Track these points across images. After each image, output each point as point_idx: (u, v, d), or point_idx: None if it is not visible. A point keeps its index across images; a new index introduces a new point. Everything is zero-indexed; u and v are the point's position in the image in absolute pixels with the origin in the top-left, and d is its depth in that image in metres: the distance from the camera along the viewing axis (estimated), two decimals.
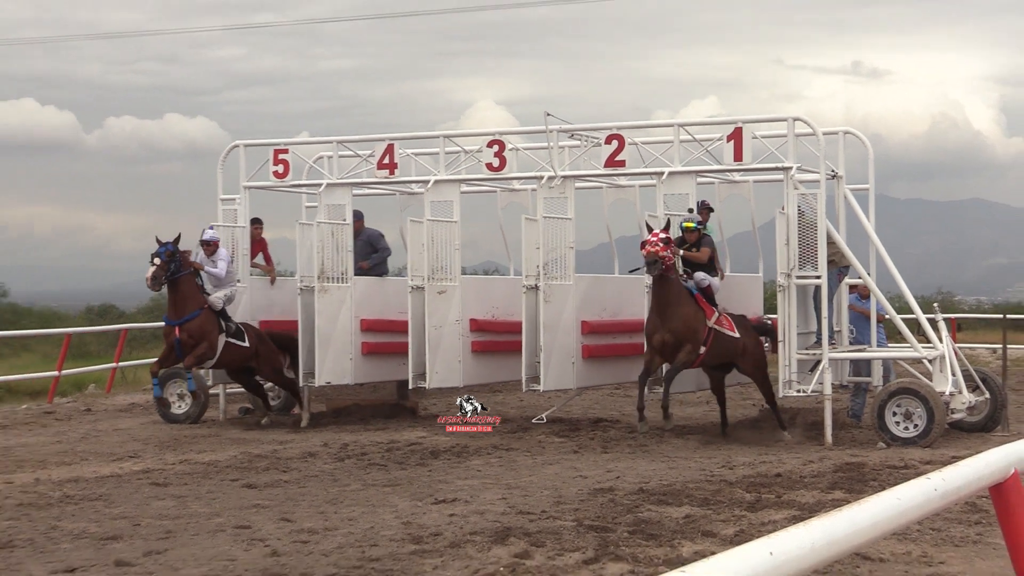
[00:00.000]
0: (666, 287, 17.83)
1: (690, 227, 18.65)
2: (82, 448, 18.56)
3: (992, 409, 19.07)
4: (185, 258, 19.88)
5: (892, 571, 9.94)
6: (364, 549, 10.93)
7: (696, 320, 17.99)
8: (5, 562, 10.61)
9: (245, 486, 14.69)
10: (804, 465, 15.92)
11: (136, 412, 23.16)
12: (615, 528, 11.65)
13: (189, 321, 19.66)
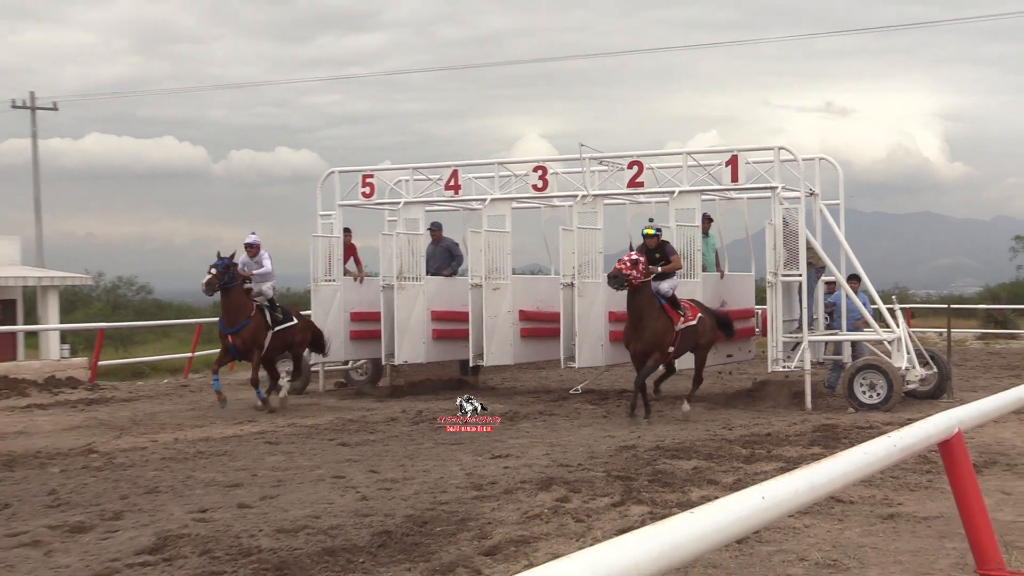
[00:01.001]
0: (639, 300, 16.84)
1: (650, 233, 17.81)
2: (211, 414, 18.65)
3: (939, 381, 19.04)
4: (237, 271, 19.14)
5: (860, 511, 9.93)
6: (435, 495, 10.97)
7: (665, 332, 17.07)
8: (152, 504, 10.72)
9: (340, 444, 14.76)
10: (789, 426, 15.92)
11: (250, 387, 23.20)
12: (637, 478, 11.68)
13: (241, 329, 19.00)
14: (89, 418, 18.10)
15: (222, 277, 18.57)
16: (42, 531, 9.59)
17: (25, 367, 25.49)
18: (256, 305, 19.31)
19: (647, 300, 16.90)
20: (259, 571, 8.10)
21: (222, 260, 18.78)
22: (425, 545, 8.87)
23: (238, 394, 20.83)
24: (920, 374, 18.68)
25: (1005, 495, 10.62)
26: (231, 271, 18.80)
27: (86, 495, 11.30)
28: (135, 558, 8.58)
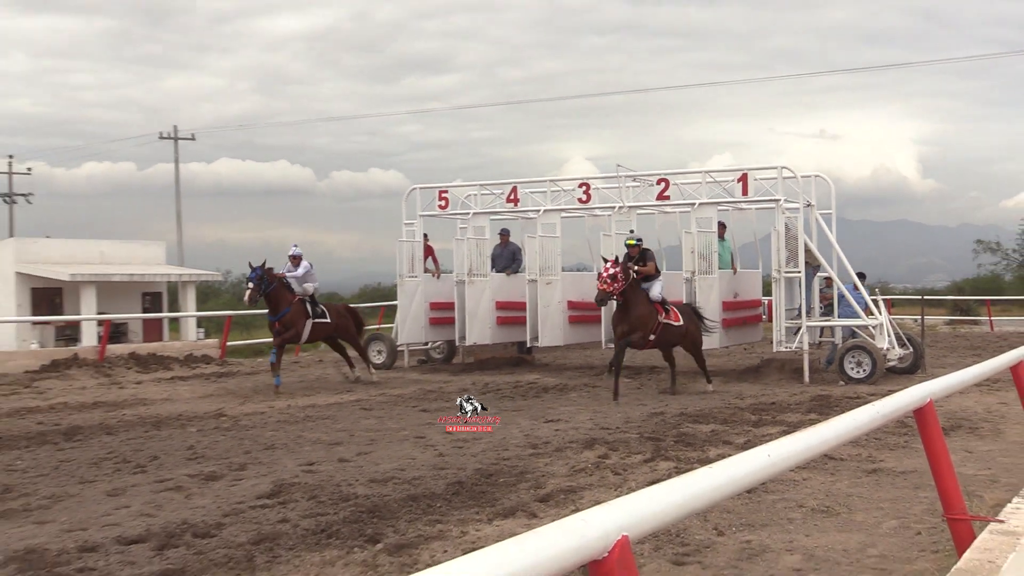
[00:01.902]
0: (627, 295, 15.96)
1: (632, 243, 16.76)
2: (317, 385, 18.76)
3: (914, 359, 18.84)
4: (271, 274, 18.10)
5: (849, 466, 9.86)
6: (499, 452, 10.97)
7: (649, 317, 16.18)
8: (269, 458, 10.81)
9: (421, 410, 14.78)
10: (790, 397, 15.79)
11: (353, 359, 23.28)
12: (664, 438, 11.64)
13: (283, 316, 18.13)
14: (219, 388, 18.28)
15: (260, 289, 17.82)
16: (183, 478, 9.73)
17: (169, 347, 25.78)
18: (298, 298, 18.48)
19: (633, 294, 16.13)
20: (356, 513, 8.14)
21: (255, 272, 17.92)
22: (490, 493, 8.90)
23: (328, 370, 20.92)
24: (899, 353, 18.53)
25: (968, 453, 10.52)
26: (265, 278, 17.94)
27: (217, 450, 11.44)
28: (256, 501, 8.67)
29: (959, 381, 7.06)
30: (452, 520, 7.93)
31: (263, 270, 17.86)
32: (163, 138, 54.27)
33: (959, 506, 5.77)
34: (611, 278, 15.69)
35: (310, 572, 6.60)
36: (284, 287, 18.34)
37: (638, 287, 16.24)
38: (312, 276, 18.96)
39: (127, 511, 8.40)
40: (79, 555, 6.97)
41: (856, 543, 7.22)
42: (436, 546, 7.18)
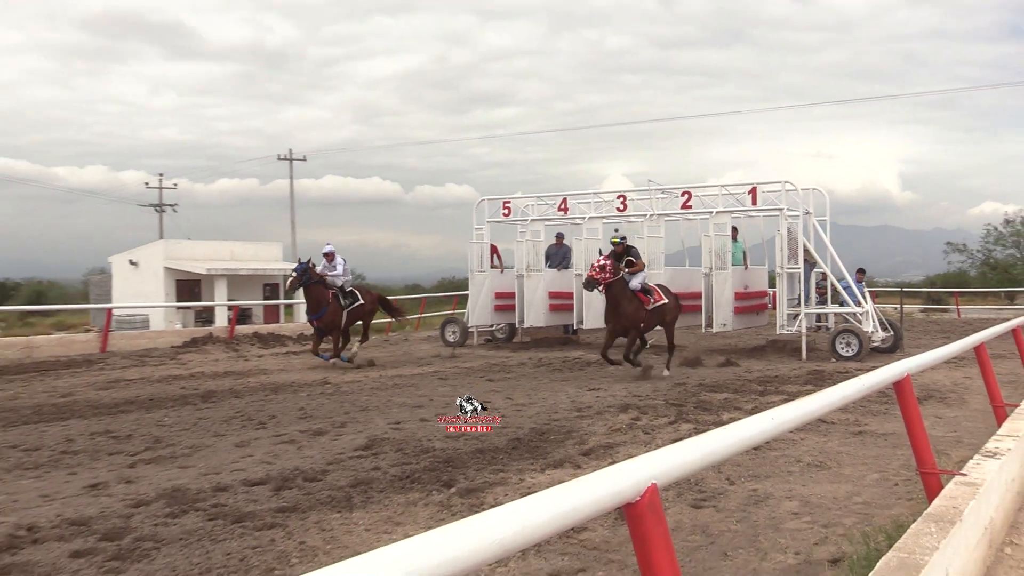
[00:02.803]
0: (614, 291, 14.90)
1: (616, 242, 15.74)
2: (403, 359, 18.86)
3: (894, 341, 18.59)
4: (313, 271, 17.14)
5: (838, 429, 9.74)
6: (550, 414, 10.97)
7: (636, 313, 15.09)
8: (364, 417, 10.85)
9: (487, 380, 14.82)
10: (790, 371, 15.63)
11: (430, 341, 23.35)
12: (686, 404, 11.57)
13: (323, 314, 17.13)
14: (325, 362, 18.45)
15: (301, 279, 16.91)
16: (295, 433, 9.81)
17: (284, 327, 26.03)
18: (332, 294, 17.39)
19: (620, 290, 14.99)
20: (434, 463, 8.17)
21: (301, 265, 17.14)
22: (543, 448, 8.90)
23: (421, 346, 21.04)
24: (881, 336, 18.35)
25: (938, 418, 10.35)
26: (308, 273, 17.01)
27: (323, 411, 11.51)
28: (354, 452, 8.73)
29: (931, 359, 6.96)
30: (512, 469, 7.95)
31: (307, 265, 17.11)
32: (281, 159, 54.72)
33: (930, 462, 5.70)
34: (601, 268, 14.81)
35: (397, 511, 6.64)
36: (323, 285, 17.38)
37: (624, 284, 15.16)
38: (346, 271, 18.06)
39: (251, 459, 8.49)
40: (213, 494, 7.08)
41: (844, 492, 7.15)
42: (499, 490, 7.20)
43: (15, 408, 12.00)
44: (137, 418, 11.10)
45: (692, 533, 6.07)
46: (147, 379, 15.38)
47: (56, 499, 7.00)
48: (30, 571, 5.29)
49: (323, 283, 17.32)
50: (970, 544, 4.68)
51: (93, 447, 9.19)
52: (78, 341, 21.20)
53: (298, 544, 5.81)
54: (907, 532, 4.31)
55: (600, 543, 5.82)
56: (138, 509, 6.63)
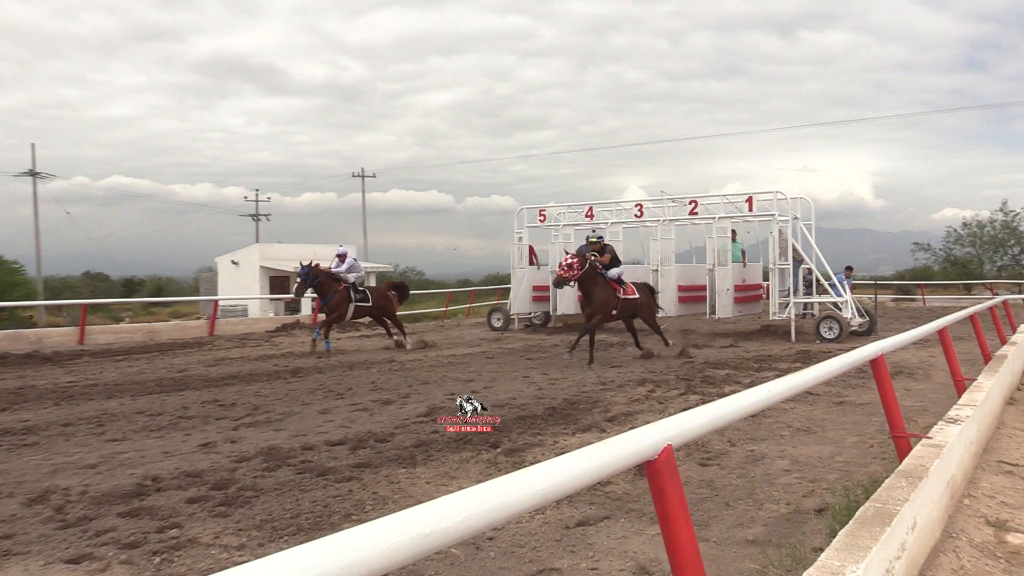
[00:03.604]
0: (586, 281, 13.81)
1: (592, 240, 14.89)
2: (456, 341, 18.85)
3: (870, 325, 18.31)
4: (317, 270, 15.94)
5: (822, 400, 9.63)
6: (579, 388, 10.94)
7: (608, 298, 13.98)
8: (424, 390, 10.89)
9: (527, 359, 14.79)
10: (782, 351, 15.45)
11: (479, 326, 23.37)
12: (693, 379, 11.48)
13: (329, 301, 16.08)
14: (391, 342, 18.53)
15: (305, 284, 15.74)
16: (368, 403, 9.87)
17: None
18: (343, 286, 16.28)
19: (591, 279, 13.86)
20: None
21: (303, 269, 15.87)
22: (574, 415, 8.88)
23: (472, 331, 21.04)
24: (859, 321, 18.07)
25: (907, 391, 10.19)
26: (311, 275, 15.81)
27: (390, 384, 11.57)
28: (416, 419, 8.77)
29: (902, 340, 6.85)
30: (547, 433, 7.94)
31: (310, 268, 15.90)
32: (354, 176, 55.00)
33: (901, 427, 5.61)
34: (568, 267, 13.65)
35: (452, 467, 6.66)
36: (331, 279, 16.24)
37: (596, 274, 14.00)
38: (356, 268, 16.87)
39: (332, 424, 8.56)
40: (301, 452, 7.15)
41: (828, 452, 7.06)
42: (537, 451, 7.20)
43: (141, 381, 12.20)
44: (239, 389, 11.24)
45: (700, 487, 6.03)
46: (246, 358, 15.55)
47: (175, 455, 7.11)
48: (155, 514, 5.38)
49: (332, 278, 16.29)
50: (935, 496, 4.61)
51: (204, 413, 9.33)
52: (191, 327, 21.49)
53: (371, 494, 5.85)
54: (882, 486, 4.25)
55: (622, 495, 5.81)
56: (241, 464, 6.72)
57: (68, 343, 17.80)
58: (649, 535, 4.95)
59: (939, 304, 31.73)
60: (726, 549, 4.73)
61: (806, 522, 5.18)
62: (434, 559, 4.50)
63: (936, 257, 45.88)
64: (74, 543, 4.85)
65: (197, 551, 4.70)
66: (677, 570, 2.66)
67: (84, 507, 5.54)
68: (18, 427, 8.54)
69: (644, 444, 2.69)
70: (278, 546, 4.80)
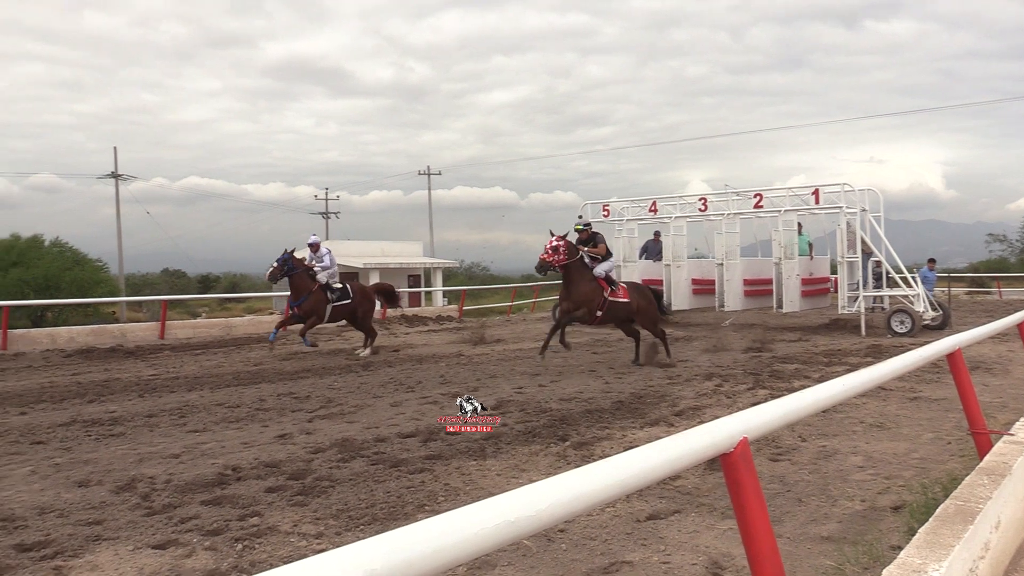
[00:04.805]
0: (570, 272, 12.20)
1: (579, 228, 12.85)
2: (522, 336, 18.84)
3: (943, 319, 17.77)
4: (296, 261, 14.75)
5: (895, 395, 9.37)
6: (646, 381, 10.87)
7: (593, 293, 12.33)
8: (492, 383, 10.93)
9: (593, 353, 14.72)
10: (852, 345, 15.06)
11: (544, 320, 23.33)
12: (761, 373, 11.29)
13: (303, 302, 14.76)
14: (459, 337, 18.60)
15: (282, 269, 14.48)
16: (437, 396, 9.95)
17: (425, 311, 26.43)
18: (318, 285, 14.95)
19: (577, 271, 12.27)
20: (551, 421, 8.19)
21: (283, 255, 14.62)
22: (641, 409, 8.83)
23: (536, 326, 21.02)
24: (932, 315, 17.57)
25: (984, 386, 9.85)
26: (290, 263, 14.61)
27: (459, 378, 11.62)
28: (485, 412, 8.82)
29: (979, 334, 6.64)
30: (615, 427, 7.91)
31: (289, 255, 14.68)
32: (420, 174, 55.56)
33: (980, 423, 5.44)
34: (553, 250, 12.08)
35: (521, 459, 6.68)
36: (307, 275, 14.94)
37: (583, 266, 12.44)
38: (330, 264, 15.39)
39: (403, 416, 8.65)
40: (374, 443, 7.25)
41: (903, 449, 6.88)
42: (605, 444, 7.17)
43: (219, 374, 12.52)
44: (312, 383, 11.45)
45: (771, 482, 5.94)
46: (319, 352, 15.81)
47: (253, 446, 7.28)
48: (236, 502, 5.52)
49: (308, 273, 14.99)
50: (1019, 495, 4.45)
51: (280, 405, 9.53)
52: (265, 322, 21.93)
53: (443, 485, 5.91)
54: (962, 484, 4.12)
55: (692, 489, 5.75)
56: (316, 455, 6.85)
57: (150, 338, 18.36)
58: (721, 530, 4.90)
59: (1016, 297, 30.61)
60: (800, 545, 4.65)
61: (882, 519, 5.06)
62: (507, 550, 4.53)
63: (1013, 249, 44.32)
64: (160, 529, 5.02)
65: (277, 539, 4.81)
66: (755, 563, 2.63)
67: (169, 495, 5.72)
68: (105, 418, 8.85)
69: (719, 437, 2.67)
70: (354, 535, 4.89)
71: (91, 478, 6.22)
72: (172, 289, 50.43)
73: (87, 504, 5.54)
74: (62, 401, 10.14)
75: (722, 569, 4.32)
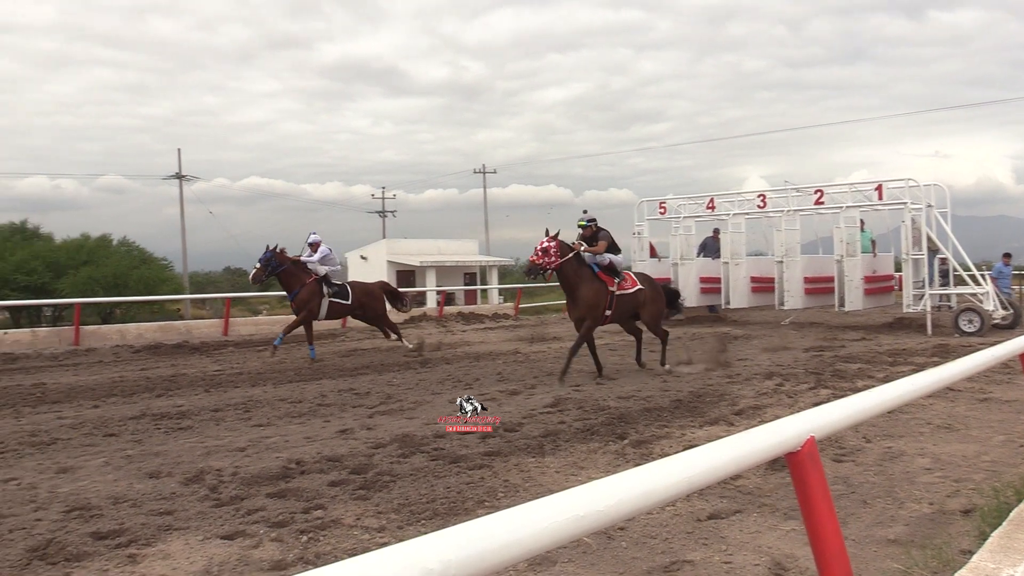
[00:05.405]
0: (567, 275, 11.00)
1: (582, 224, 11.45)
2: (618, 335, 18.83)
3: (1014, 318, 17.26)
4: (282, 257, 13.82)
5: (964, 395, 9.12)
6: (705, 381, 10.76)
7: (597, 295, 11.15)
8: (549, 381, 10.93)
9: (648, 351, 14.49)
10: (918, 345, 14.69)
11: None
12: (823, 373, 11.09)
13: (296, 296, 14.01)
14: (515, 335, 18.65)
15: (265, 269, 13.70)
16: (495, 392, 9.99)
17: (481, 308, 26.55)
18: (313, 278, 14.11)
19: (574, 273, 11.05)
20: (609, 418, 8.18)
21: (266, 253, 13.79)
22: (701, 408, 8.75)
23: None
24: (1002, 314, 17.07)
25: None
26: (274, 261, 13.74)
27: (516, 375, 11.66)
28: (543, 409, 8.82)
29: None
30: (674, 425, 7.86)
31: (273, 253, 13.84)
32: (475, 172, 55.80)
33: None
34: (544, 251, 10.85)
35: (580, 457, 6.68)
36: (299, 269, 14.09)
37: (579, 265, 11.21)
38: (330, 259, 14.51)
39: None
40: (433, 439, 7.31)
41: (972, 451, 6.70)
42: (664, 443, 7.13)
43: (282, 370, 12.77)
44: (372, 379, 11.60)
45: (835, 483, 5.83)
46: (377, 348, 16.01)
47: (316, 440, 7.42)
48: (300, 495, 5.64)
49: (298, 268, 14.12)
50: None
51: (341, 401, 9.68)
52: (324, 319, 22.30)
53: (503, 482, 5.94)
54: None
55: (753, 489, 5.69)
56: (377, 450, 6.95)
57: (214, 334, 18.80)
58: (783, 531, 4.84)
59: None
60: (866, 548, 4.57)
61: (951, 523, 4.94)
62: (567, 547, 4.54)
63: None
64: (228, 520, 5.15)
65: (340, 531, 4.90)
66: (822, 563, 2.60)
67: (236, 487, 5.86)
68: (173, 412, 9.10)
69: (786, 435, 2.65)
70: (416, 529, 4.95)
71: (161, 470, 6.41)
72: (234, 287, 51.51)
73: (158, 495, 5.71)
74: (132, 395, 10.46)
75: (785, 570, 4.27)
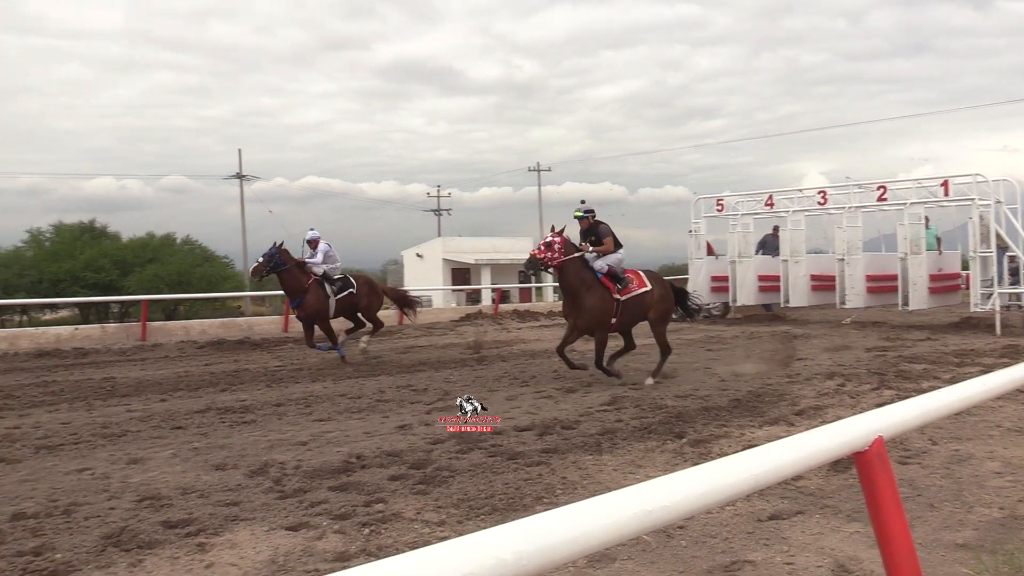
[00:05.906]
0: (568, 277, 10.41)
1: (579, 215, 10.87)
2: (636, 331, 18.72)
3: None
4: (286, 256, 13.08)
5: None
6: (764, 380, 10.60)
7: (603, 305, 10.45)
8: (606, 379, 10.81)
9: (707, 350, 14.48)
10: (985, 345, 14.25)
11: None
12: (887, 373, 10.83)
13: (301, 302, 13.20)
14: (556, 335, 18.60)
15: (268, 264, 12.89)
16: (552, 390, 10.00)
17: (536, 306, 26.61)
18: (313, 280, 13.30)
19: (576, 275, 10.40)
20: (666, 417, 8.12)
21: (271, 248, 13.05)
22: (760, 408, 8.64)
23: None
24: None
25: None
26: (278, 257, 12.97)
27: (572, 372, 11.42)
28: (600, 407, 8.80)
29: None
30: (733, 425, 7.78)
31: (278, 249, 13.09)
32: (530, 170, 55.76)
33: None
34: (547, 246, 10.34)
35: (637, 455, 6.66)
36: (300, 270, 13.31)
37: (582, 268, 10.49)
38: (332, 257, 13.74)
39: (518, 410, 8.74)
40: (491, 436, 7.33)
41: None
42: (723, 442, 7.07)
43: (340, 366, 12.96)
44: (429, 376, 11.70)
45: (901, 486, 5.65)
46: (434, 345, 16.16)
47: (375, 436, 7.52)
48: (361, 489, 5.73)
49: (301, 268, 13.38)
50: None
51: (399, 397, 9.79)
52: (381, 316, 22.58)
53: (560, 479, 5.96)
54: None
55: (815, 490, 5.61)
56: (436, 446, 7.01)
57: (274, 331, 19.16)
58: (847, 532, 4.76)
59: None
60: (933, 552, 4.47)
61: (1023, 528, 4.81)
62: (626, 545, 4.54)
63: None
64: (292, 512, 5.26)
65: (401, 525, 4.97)
66: (891, 565, 2.56)
67: (299, 480, 5.98)
68: (237, 406, 9.32)
69: (854, 435, 2.61)
70: (475, 524, 5.00)
71: (227, 462, 6.57)
72: None
73: (224, 486, 5.86)
74: (197, 389, 10.74)
75: (849, 572, 4.20)
